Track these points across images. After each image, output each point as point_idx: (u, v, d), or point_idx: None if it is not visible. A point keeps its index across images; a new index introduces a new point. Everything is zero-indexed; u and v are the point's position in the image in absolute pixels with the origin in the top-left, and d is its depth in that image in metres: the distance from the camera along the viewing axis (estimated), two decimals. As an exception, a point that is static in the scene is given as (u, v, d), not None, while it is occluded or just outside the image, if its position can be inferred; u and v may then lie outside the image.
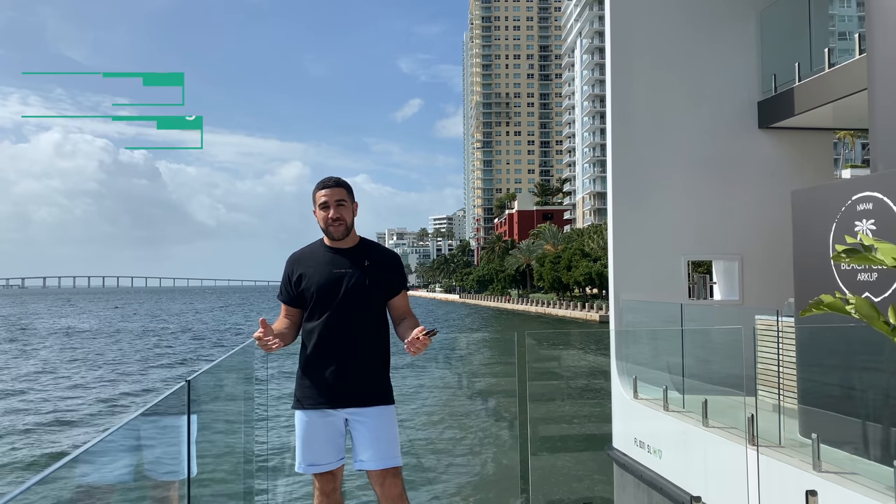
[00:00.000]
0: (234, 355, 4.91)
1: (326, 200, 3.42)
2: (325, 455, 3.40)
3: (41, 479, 1.84)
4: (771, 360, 5.77)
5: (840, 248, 1.79)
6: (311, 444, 3.39)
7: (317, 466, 3.40)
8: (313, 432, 3.39)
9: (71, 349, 43.90)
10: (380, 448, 3.37)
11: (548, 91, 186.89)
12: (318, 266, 3.44)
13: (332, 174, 3.56)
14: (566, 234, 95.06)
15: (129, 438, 2.87)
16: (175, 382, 3.53)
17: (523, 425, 6.66)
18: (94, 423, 20.57)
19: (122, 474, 2.98)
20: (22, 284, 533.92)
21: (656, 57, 8.78)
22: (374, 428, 3.38)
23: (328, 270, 3.41)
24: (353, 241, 3.51)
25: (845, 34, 9.01)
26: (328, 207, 3.41)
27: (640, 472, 7.21)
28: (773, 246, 8.14)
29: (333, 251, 3.47)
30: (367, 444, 3.37)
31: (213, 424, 4.64)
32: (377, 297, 3.45)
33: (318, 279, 3.40)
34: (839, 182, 5.90)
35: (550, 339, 16.15)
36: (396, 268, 3.55)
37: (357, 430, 3.40)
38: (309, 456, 3.40)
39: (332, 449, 3.40)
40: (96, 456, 2.42)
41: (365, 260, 3.45)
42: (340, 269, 3.41)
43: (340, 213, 3.41)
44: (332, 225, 3.41)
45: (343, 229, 3.42)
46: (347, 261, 3.44)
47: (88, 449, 2.24)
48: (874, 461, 4.54)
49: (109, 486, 2.90)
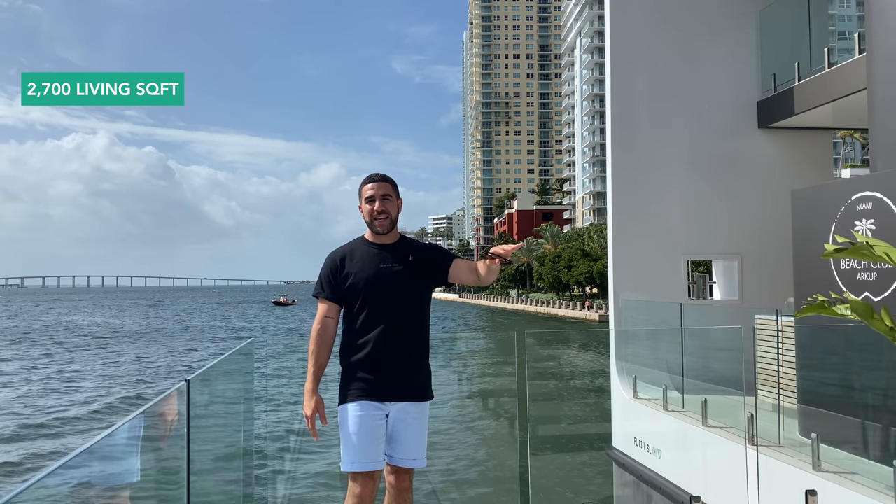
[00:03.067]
0: (234, 355, 4.92)
1: (372, 194, 3.46)
2: (375, 452, 3.31)
3: (41, 478, 1.84)
4: (770, 359, 5.77)
5: (830, 248, 1.79)
6: (362, 441, 3.28)
7: (367, 464, 3.29)
8: (365, 427, 3.29)
9: (71, 348, 43.90)
10: (416, 446, 3.39)
11: (547, 91, 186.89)
12: (365, 262, 3.44)
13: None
14: (566, 234, 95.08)
15: (129, 438, 2.87)
16: (175, 382, 3.53)
17: (523, 425, 6.66)
18: (94, 422, 20.56)
19: (122, 474, 2.98)
20: (21, 284, 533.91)
21: (656, 56, 8.78)
22: (414, 424, 3.39)
23: (375, 266, 3.43)
24: (395, 237, 3.55)
25: (845, 34, 9.02)
26: (374, 201, 3.45)
27: (640, 471, 7.21)
28: (772, 246, 8.14)
29: (378, 247, 3.49)
30: (405, 439, 3.36)
31: (213, 424, 4.64)
32: (424, 290, 3.50)
33: (367, 275, 3.41)
34: (839, 182, 5.90)
35: (550, 338, 16.15)
36: (439, 251, 3.61)
37: (398, 425, 3.37)
38: (361, 453, 3.28)
39: (381, 446, 3.35)
40: (96, 455, 2.42)
41: (409, 255, 3.48)
42: (387, 264, 3.43)
43: (385, 206, 3.46)
44: (378, 218, 3.45)
45: (388, 223, 3.47)
46: (392, 256, 3.46)
47: (88, 448, 2.24)
48: (874, 461, 4.54)
49: (109, 485, 2.90)
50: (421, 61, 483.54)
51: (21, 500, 1.75)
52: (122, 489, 3.05)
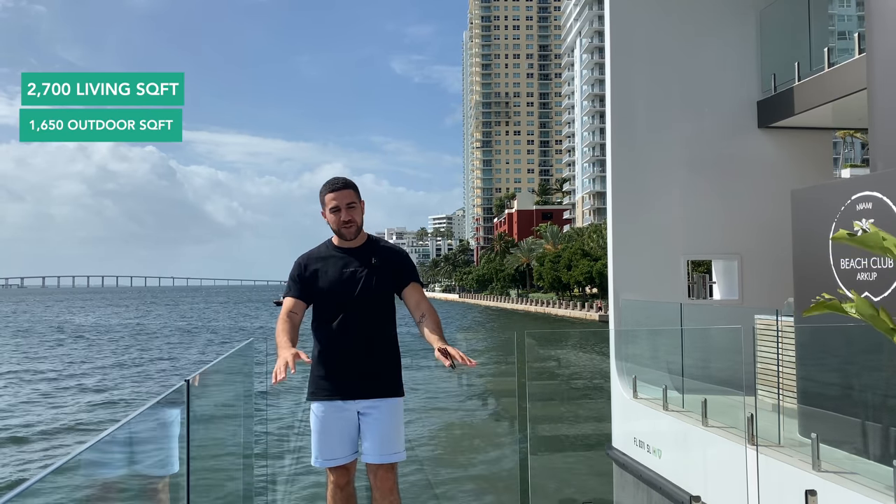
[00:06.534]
0: (233, 355, 4.92)
1: (337, 204, 3.53)
2: (340, 449, 3.48)
3: (40, 478, 1.84)
4: (770, 359, 5.77)
5: (842, 233, 1.78)
6: (326, 439, 3.47)
7: (332, 461, 3.48)
8: (328, 426, 3.47)
9: (70, 348, 43.90)
10: (384, 441, 3.46)
11: (547, 91, 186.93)
12: (329, 266, 3.55)
13: (341, 173, 3.61)
14: (566, 234, 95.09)
15: (129, 437, 2.87)
16: (175, 381, 3.54)
17: (523, 425, 6.67)
18: (94, 422, 20.57)
19: (122, 473, 2.98)
20: (21, 284, 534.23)
21: (656, 56, 8.78)
22: (381, 420, 3.48)
23: (339, 269, 3.52)
24: (362, 240, 3.63)
25: (845, 34, 9.02)
26: (339, 211, 3.53)
27: (640, 471, 7.21)
28: (772, 245, 8.14)
29: (343, 251, 3.59)
30: (373, 436, 3.46)
31: (213, 423, 4.64)
32: (386, 293, 3.55)
33: (331, 278, 3.52)
34: (839, 181, 5.90)
35: (550, 338, 16.15)
36: (404, 262, 3.64)
37: (365, 422, 3.49)
38: (325, 450, 3.48)
39: (346, 443, 3.49)
40: (96, 455, 2.43)
41: (372, 258, 3.56)
42: (350, 268, 3.53)
43: (351, 215, 3.54)
44: (344, 227, 3.54)
45: (354, 230, 3.56)
46: (357, 260, 3.55)
47: (88, 448, 2.24)
48: (874, 461, 4.54)
49: (109, 484, 2.90)
50: (420, 61, 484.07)
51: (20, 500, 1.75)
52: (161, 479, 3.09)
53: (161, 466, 3.49)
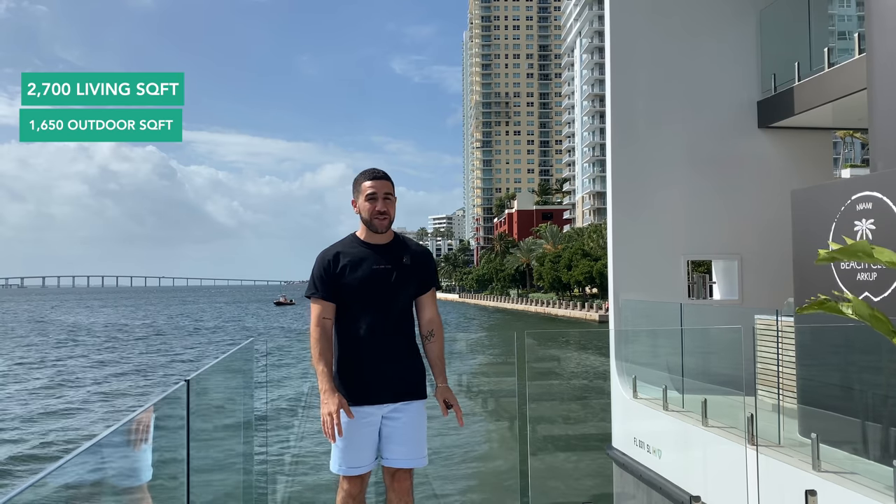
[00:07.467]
0: (233, 355, 4.91)
1: (375, 192, 3.30)
2: (365, 456, 3.28)
3: (40, 478, 1.84)
4: (770, 359, 5.77)
5: (823, 253, 1.77)
6: (352, 446, 3.24)
7: (356, 468, 3.26)
8: (354, 433, 3.23)
9: (70, 347, 43.90)
10: (412, 445, 3.31)
11: (547, 91, 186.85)
12: (358, 262, 3.30)
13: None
14: (566, 234, 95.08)
15: (128, 438, 2.87)
16: (174, 381, 3.53)
17: (523, 425, 6.66)
18: (94, 422, 20.57)
19: (121, 474, 2.98)
20: (21, 284, 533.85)
21: (656, 56, 8.78)
22: (409, 424, 3.31)
23: (369, 267, 3.29)
24: (389, 237, 3.39)
25: (845, 34, 9.02)
26: (376, 199, 3.30)
27: (640, 471, 7.21)
28: (772, 246, 8.14)
29: (370, 247, 3.34)
30: (401, 440, 3.29)
31: (213, 423, 4.64)
32: (413, 292, 3.39)
33: (361, 275, 3.27)
34: (839, 182, 5.91)
35: (550, 338, 16.15)
36: (430, 264, 3.47)
37: (391, 426, 3.30)
38: (350, 458, 3.26)
39: (371, 449, 3.30)
40: (95, 455, 2.42)
41: (403, 256, 3.36)
42: (381, 265, 3.30)
43: (387, 206, 3.31)
44: (377, 218, 3.29)
45: (387, 223, 3.32)
46: (385, 257, 3.32)
47: (88, 448, 2.24)
48: (873, 461, 4.54)
49: (108, 485, 2.90)
50: (420, 61, 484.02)
51: (20, 500, 1.75)
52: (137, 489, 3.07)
53: (160, 466, 3.49)
